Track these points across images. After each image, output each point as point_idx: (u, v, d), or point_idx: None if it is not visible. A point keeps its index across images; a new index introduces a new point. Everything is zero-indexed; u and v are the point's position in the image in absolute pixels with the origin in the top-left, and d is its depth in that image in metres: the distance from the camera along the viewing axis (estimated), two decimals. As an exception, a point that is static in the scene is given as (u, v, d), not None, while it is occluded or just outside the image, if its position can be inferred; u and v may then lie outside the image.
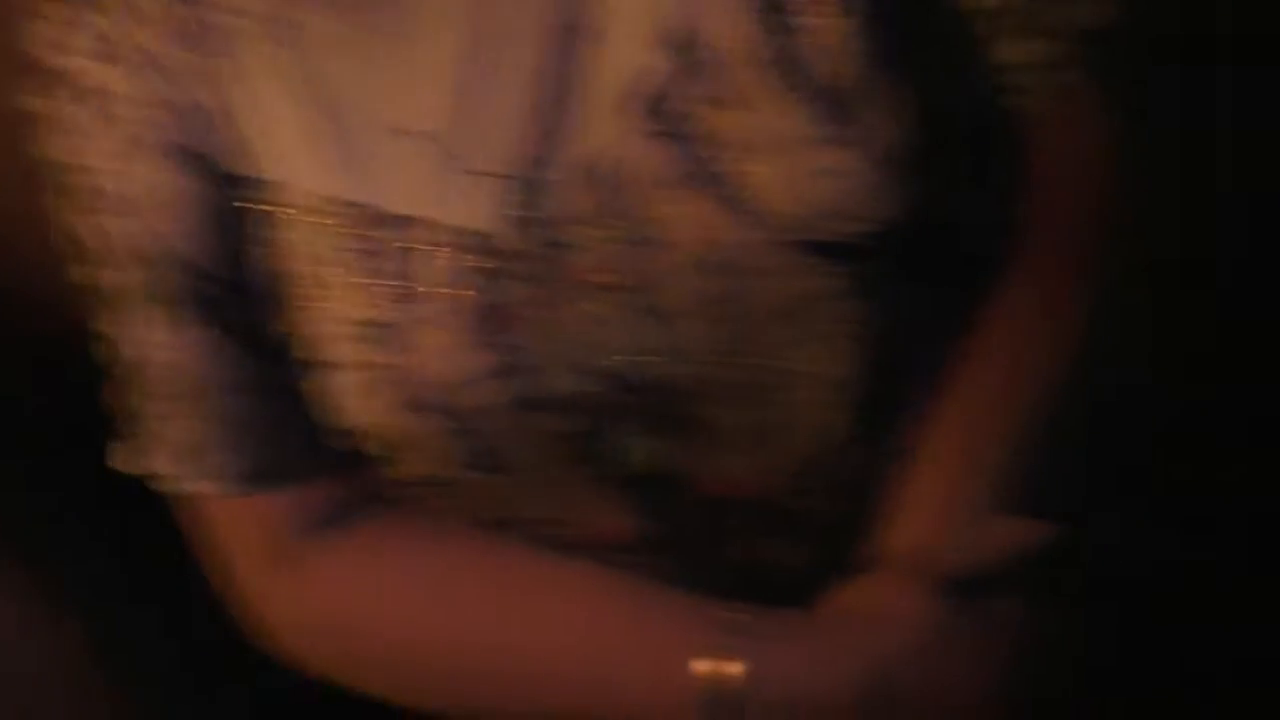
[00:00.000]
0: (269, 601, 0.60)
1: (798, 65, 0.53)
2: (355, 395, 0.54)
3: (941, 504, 0.57)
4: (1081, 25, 0.59)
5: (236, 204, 0.55)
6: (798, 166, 0.52)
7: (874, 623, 0.55)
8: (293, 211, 0.54)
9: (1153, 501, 0.60)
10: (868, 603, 0.55)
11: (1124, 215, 0.61)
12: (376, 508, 0.59)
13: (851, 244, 0.53)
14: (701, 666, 0.53)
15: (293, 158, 0.54)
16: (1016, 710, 0.56)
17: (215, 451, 0.57)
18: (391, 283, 0.53)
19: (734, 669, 0.53)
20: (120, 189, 0.55)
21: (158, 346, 0.57)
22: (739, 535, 0.58)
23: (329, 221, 0.54)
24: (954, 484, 0.57)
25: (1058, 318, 0.59)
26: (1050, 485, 0.59)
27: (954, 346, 0.59)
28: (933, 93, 0.56)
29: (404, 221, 0.53)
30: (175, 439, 0.58)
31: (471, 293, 0.53)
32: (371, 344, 0.53)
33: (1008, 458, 0.58)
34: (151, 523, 0.62)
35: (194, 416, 0.57)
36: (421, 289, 0.53)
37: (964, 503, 0.57)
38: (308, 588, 0.59)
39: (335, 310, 0.54)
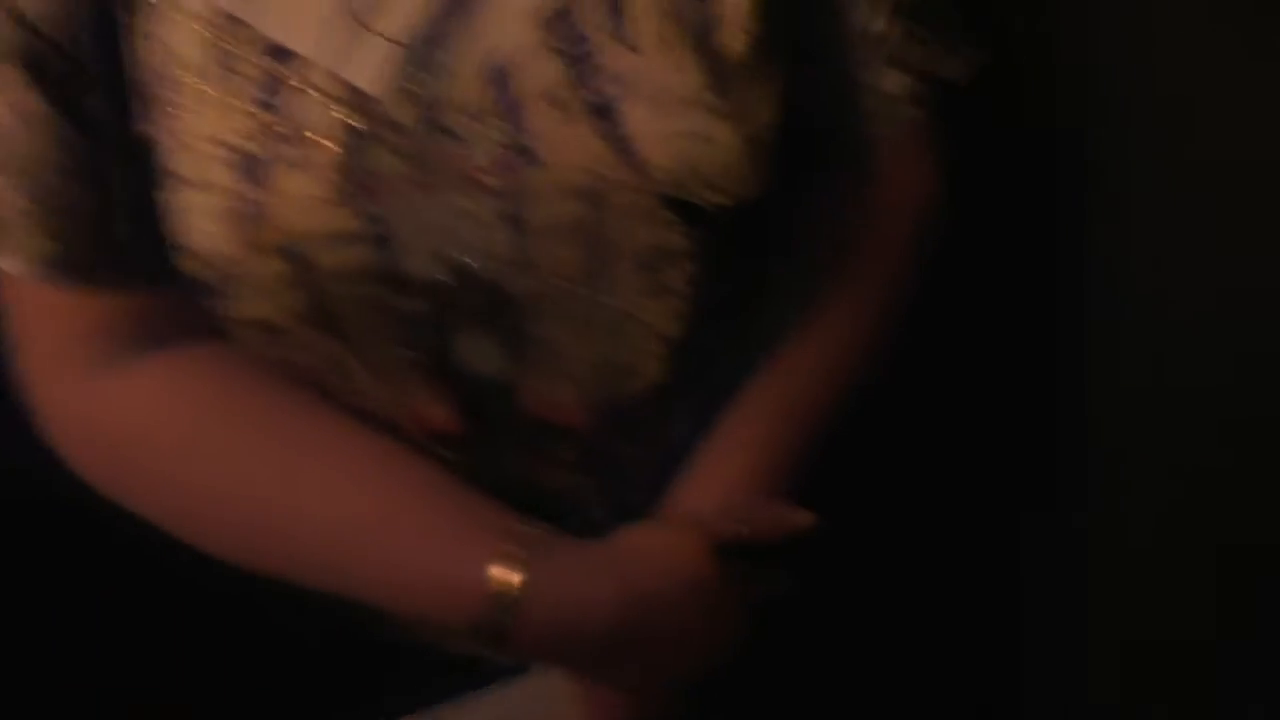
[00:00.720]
0: (59, 404, 0.57)
1: (701, 27, 0.55)
2: (202, 217, 0.53)
3: (735, 475, 0.61)
4: (936, 69, 0.65)
5: None
6: (676, 123, 0.54)
7: (646, 565, 0.57)
8: (177, 12, 0.53)
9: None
10: (646, 547, 0.58)
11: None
12: (203, 338, 0.57)
13: (708, 211, 0.56)
14: (488, 570, 0.54)
15: None
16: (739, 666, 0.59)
17: (29, 230, 0.54)
18: (264, 114, 0.52)
19: (514, 579, 0.54)
20: None
21: None
22: (549, 458, 0.59)
23: (214, 33, 0.53)
24: (750, 460, 0.61)
25: (869, 328, 0.65)
26: (826, 479, 0.64)
27: (778, 332, 0.64)
28: (810, 91, 0.61)
29: (289, 56, 0.52)
30: None
31: (340, 150, 0.52)
32: (230, 170, 0.52)
33: (804, 447, 0.62)
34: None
35: (16, 190, 0.54)
36: (293, 130, 0.52)
37: (755, 479, 0.61)
38: (97, 400, 0.56)
39: (200, 126, 0.53)
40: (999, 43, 0.69)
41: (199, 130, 0.53)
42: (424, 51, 0.53)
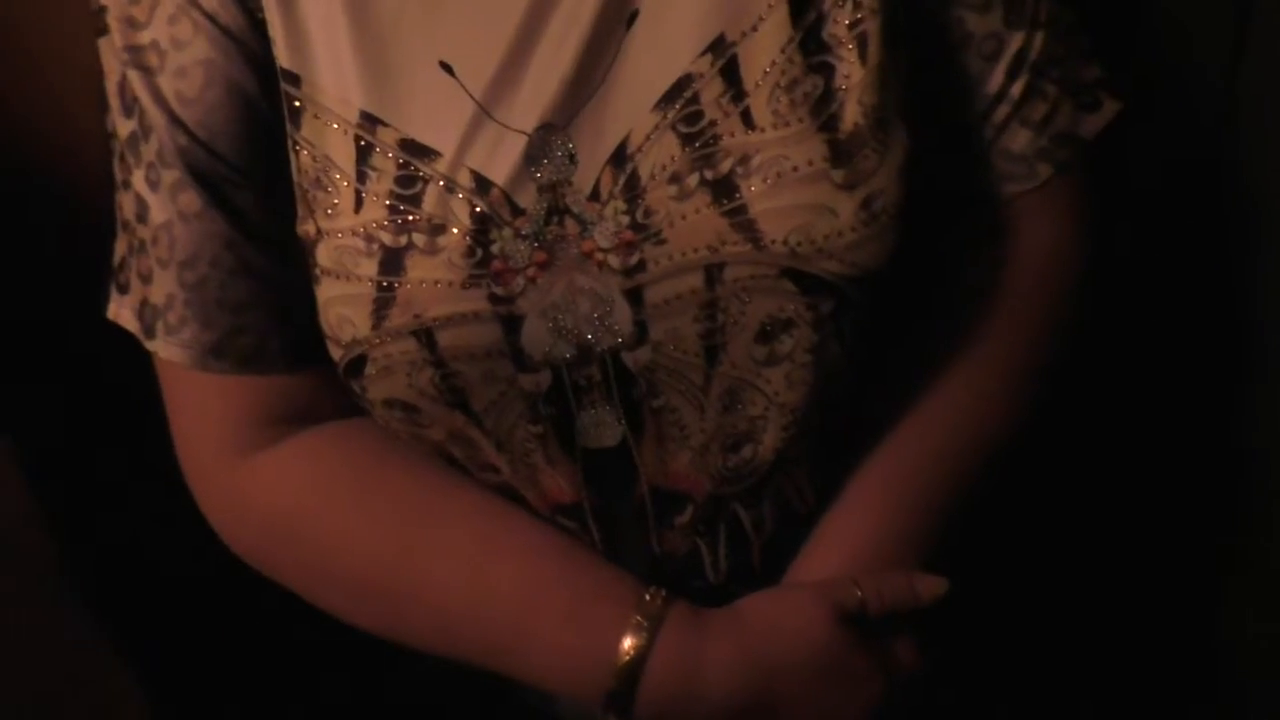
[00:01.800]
0: (214, 484, 0.61)
1: (819, 100, 0.55)
2: (343, 305, 0.56)
3: (861, 543, 0.60)
4: (1066, 127, 0.62)
5: (267, 94, 0.57)
6: (795, 196, 0.55)
7: (767, 632, 0.58)
8: (321, 114, 0.56)
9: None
10: (767, 614, 0.58)
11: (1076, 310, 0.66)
12: (346, 417, 0.61)
13: (831, 283, 0.56)
14: (620, 642, 0.56)
15: (335, 64, 0.55)
16: None
17: (186, 319, 0.59)
18: (400, 206, 0.55)
19: (640, 648, 0.56)
20: (156, 47, 0.56)
21: (158, 208, 0.58)
22: (669, 525, 0.60)
23: (354, 132, 0.55)
24: (876, 528, 0.61)
25: (1002, 390, 0.63)
26: (959, 545, 0.63)
27: (904, 398, 0.63)
28: (934, 158, 0.59)
29: (425, 152, 0.55)
30: (150, 298, 0.59)
31: (467, 236, 0.54)
32: (368, 259, 0.55)
33: (935, 512, 0.62)
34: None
35: (175, 282, 0.59)
36: (426, 220, 0.55)
37: (881, 545, 0.61)
38: (248, 479, 0.60)
39: (339, 219, 0.56)
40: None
41: (337, 223, 0.56)
42: (547, 138, 0.55)
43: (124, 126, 0.59)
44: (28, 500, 0.71)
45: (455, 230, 0.55)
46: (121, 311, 0.61)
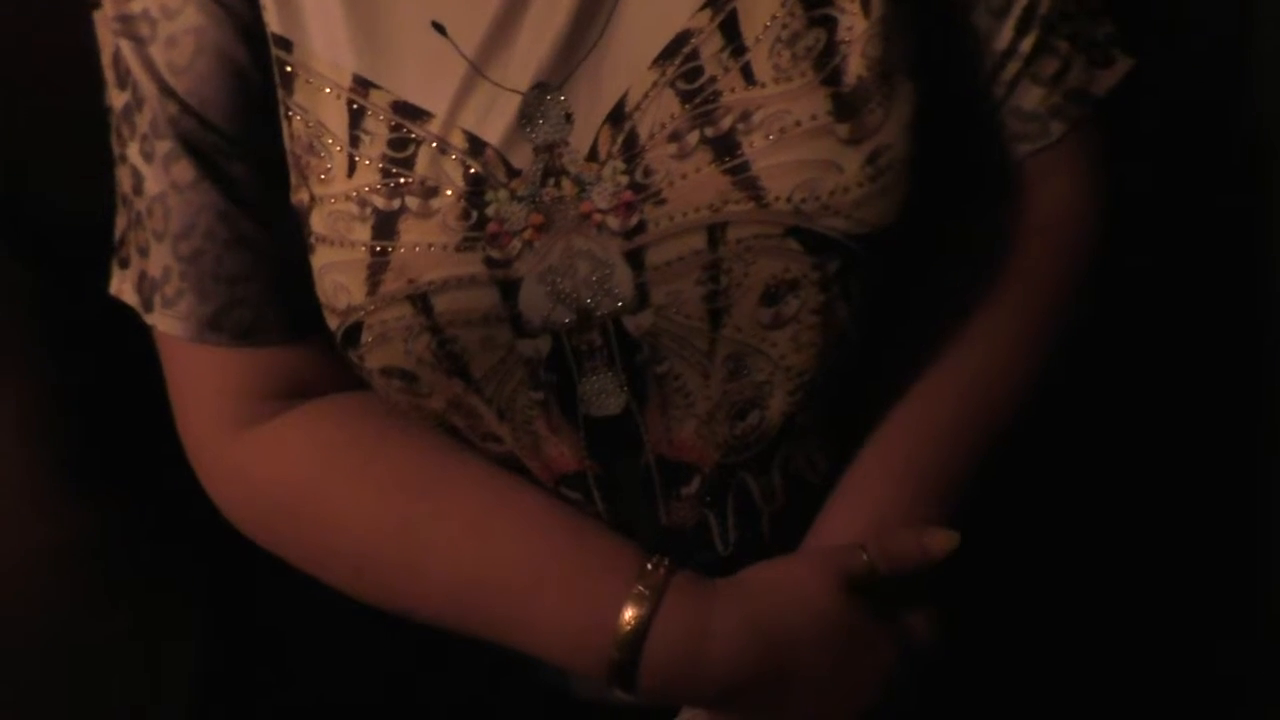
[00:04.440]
0: (215, 458, 0.61)
1: (821, 53, 0.54)
2: (337, 272, 0.55)
3: (876, 512, 0.59)
4: (1078, 83, 0.61)
5: (258, 62, 0.56)
6: (798, 152, 0.53)
7: (774, 600, 0.56)
8: (313, 79, 0.55)
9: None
10: (774, 582, 0.57)
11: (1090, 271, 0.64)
12: (347, 388, 0.60)
13: (837, 241, 0.54)
14: (621, 613, 0.54)
15: (326, 28, 0.55)
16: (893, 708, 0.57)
17: (183, 292, 0.58)
18: (392, 169, 0.54)
19: (642, 619, 0.54)
20: (146, 16, 0.56)
21: (153, 180, 0.57)
22: (675, 495, 0.59)
23: (347, 95, 0.55)
24: (892, 497, 0.59)
25: (1016, 352, 0.62)
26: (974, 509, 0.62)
27: (916, 364, 0.61)
28: (943, 114, 0.58)
29: (417, 113, 0.54)
30: (147, 270, 0.59)
31: (461, 198, 0.54)
32: (362, 224, 0.54)
33: (952, 475, 0.60)
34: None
35: (171, 254, 0.58)
36: (419, 182, 0.54)
37: (898, 510, 0.59)
38: (249, 451, 0.60)
39: (332, 185, 0.55)
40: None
41: (330, 188, 0.55)
42: (541, 98, 0.54)
43: (119, 99, 0.58)
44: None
45: (449, 192, 0.54)
46: (123, 286, 0.61)
